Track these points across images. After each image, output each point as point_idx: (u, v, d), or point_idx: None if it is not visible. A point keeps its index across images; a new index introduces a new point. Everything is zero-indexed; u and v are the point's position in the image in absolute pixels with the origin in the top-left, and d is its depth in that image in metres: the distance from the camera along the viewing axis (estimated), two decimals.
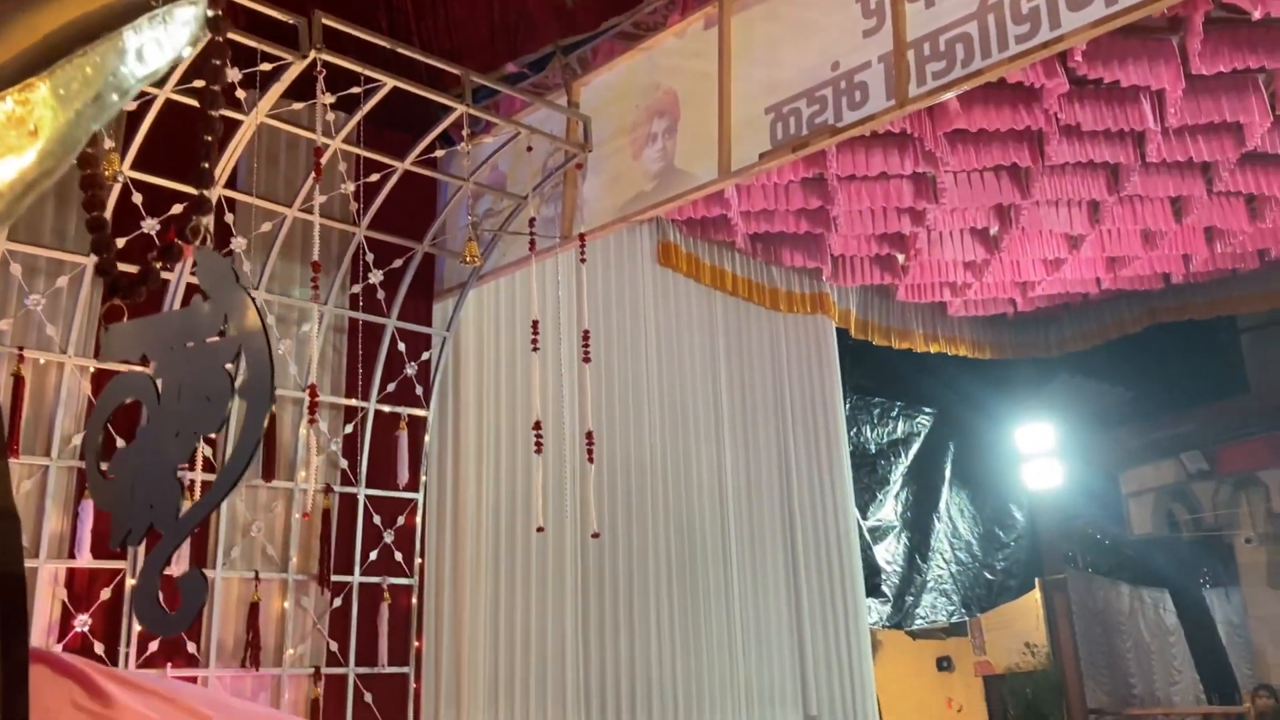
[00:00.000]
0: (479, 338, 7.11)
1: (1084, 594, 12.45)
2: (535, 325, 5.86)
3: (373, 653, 6.16)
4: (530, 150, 6.15)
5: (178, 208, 5.43)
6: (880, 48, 5.00)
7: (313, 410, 5.33)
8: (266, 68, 5.07)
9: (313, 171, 5.33)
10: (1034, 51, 4.53)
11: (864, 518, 10.37)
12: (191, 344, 1.16)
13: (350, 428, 6.39)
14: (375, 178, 6.13)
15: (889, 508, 11.03)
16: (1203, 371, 11.86)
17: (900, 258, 9.12)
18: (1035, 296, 10.15)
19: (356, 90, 5.38)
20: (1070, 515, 12.46)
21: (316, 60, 5.02)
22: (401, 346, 6.61)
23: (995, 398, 11.87)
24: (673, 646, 7.62)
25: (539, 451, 5.71)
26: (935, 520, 11.39)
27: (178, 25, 0.76)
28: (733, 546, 8.29)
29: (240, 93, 5.30)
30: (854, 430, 10.51)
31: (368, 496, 6.34)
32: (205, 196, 1.31)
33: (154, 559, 1.12)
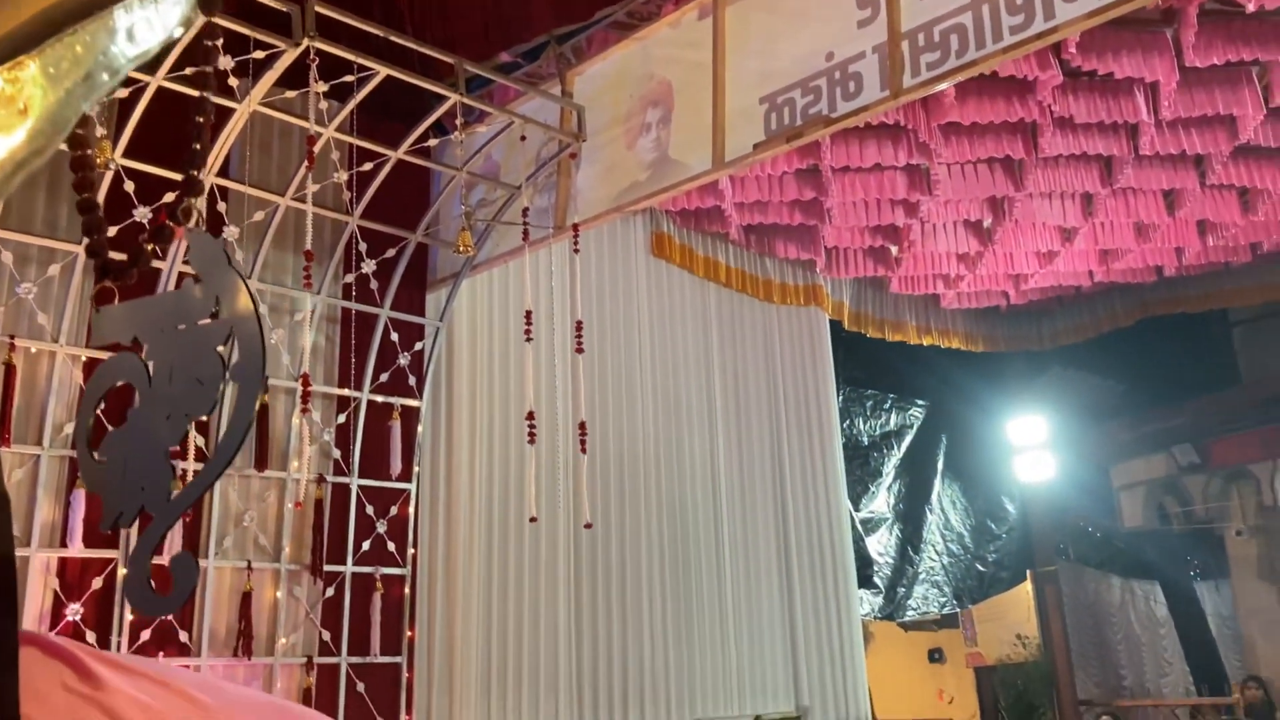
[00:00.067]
0: (472, 328, 7.10)
1: (1075, 586, 12.49)
2: (528, 315, 5.85)
3: (365, 642, 6.16)
4: (524, 140, 6.14)
5: (170, 196, 5.41)
6: (874, 38, 5.00)
7: (305, 400, 5.33)
8: (259, 55, 5.05)
9: (305, 160, 5.32)
10: (1028, 42, 4.54)
11: (856, 509, 10.39)
12: (183, 326, 1.16)
13: (343, 418, 6.38)
14: (368, 167, 6.11)
15: (881, 499, 11.06)
16: (1194, 365, 11.89)
17: (894, 250, 9.13)
18: (1028, 289, 10.16)
19: (350, 79, 5.36)
20: (1062, 508, 12.49)
21: (309, 48, 5.00)
22: (394, 336, 6.60)
23: (987, 390, 11.89)
24: (665, 636, 7.63)
25: (532, 442, 5.72)
26: (927, 512, 11.42)
27: (169, 4, 0.76)
28: (725, 537, 8.30)
29: (233, 81, 5.27)
30: (847, 422, 10.53)
31: (360, 486, 6.34)
32: (197, 177, 1.31)
33: (145, 541, 1.12)
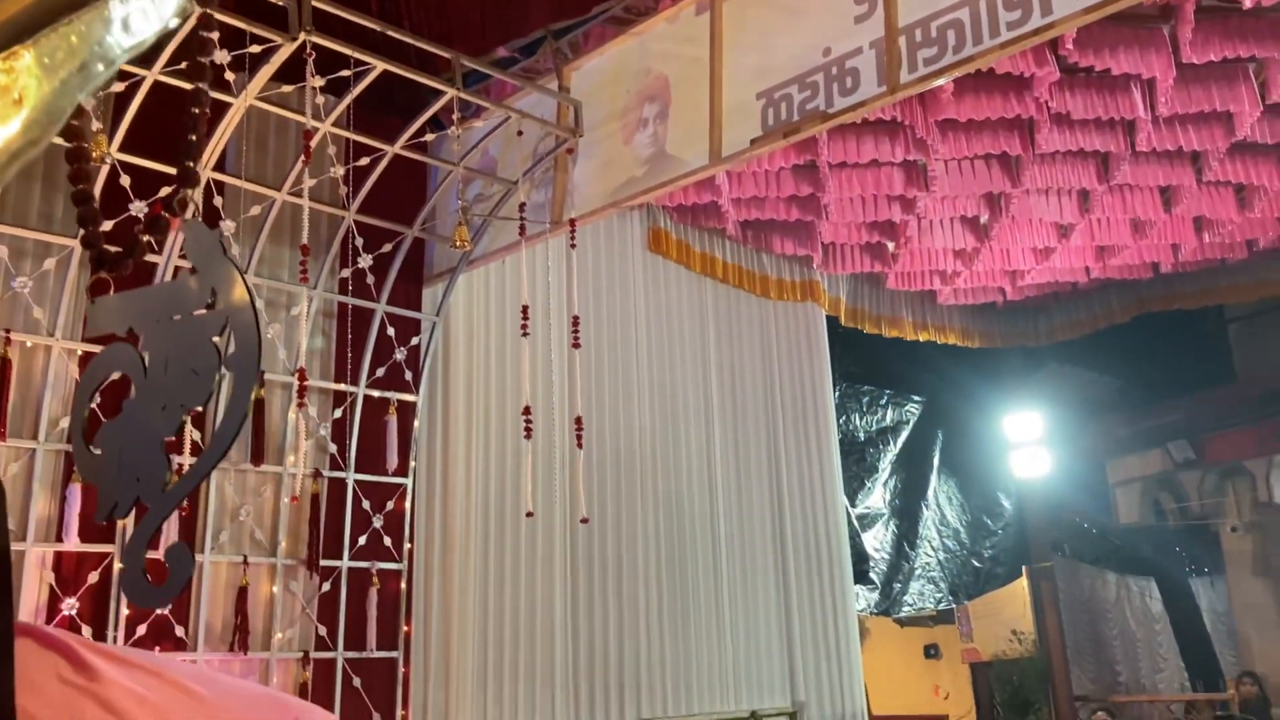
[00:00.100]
0: (469, 323, 7.10)
1: (1071, 582, 12.52)
2: (525, 311, 5.85)
3: (361, 637, 6.17)
4: (521, 135, 6.13)
5: (166, 190, 5.40)
6: (872, 34, 4.99)
7: (301, 394, 5.33)
8: (256, 50, 5.04)
9: (302, 155, 5.30)
10: (1026, 38, 4.53)
11: (852, 505, 10.40)
12: (178, 317, 1.16)
13: (339, 412, 6.38)
14: (365, 162, 6.10)
15: (877, 495, 11.07)
16: (1190, 361, 11.92)
17: (890, 246, 9.13)
18: (1024, 285, 10.17)
19: (346, 73, 5.34)
20: (1058, 504, 12.51)
21: (306, 43, 4.98)
22: (391, 331, 6.60)
23: (984, 386, 11.91)
24: (661, 631, 7.64)
25: (528, 437, 5.71)
26: (923, 508, 11.44)
27: None
28: (721, 533, 8.31)
29: (229, 75, 5.27)
30: (843, 418, 10.54)
31: (357, 481, 6.34)
32: (192, 168, 1.30)
33: (141, 531, 1.12)
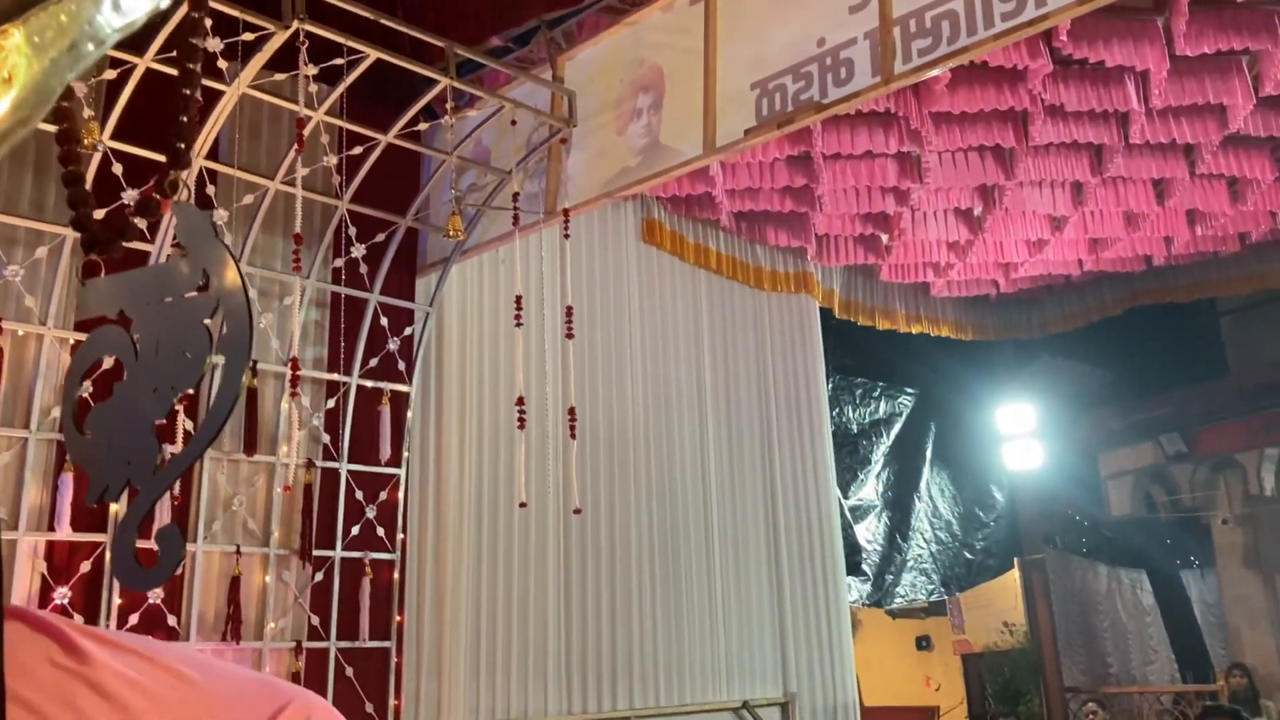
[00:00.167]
0: (462, 313, 7.09)
1: (1062, 574, 12.56)
2: (519, 301, 5.84)
3: (354, 627, 6.16)
4: (514, 125, 6.11)
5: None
6: (866, 24, 4.99)
7: (294, 384, 5.31)
8: (249, 38, 5.02)
9: (295, 144, 5.29)
10: (1020, 29, 4.53)
11: (845, 497, 10.42)
12: (170, 299, 1.15)
13: (332, 402, 6.37)
14: (358, 151, 6.08)
15: (870, 487, 11.09)
16: (1183, 354, 11.95)
17: (884, 238, 9.13)
18: (1018, 278, 10.19)
19: (339, 62, 5.32)
20: (1049, 496, 12.55)
21: (299, 31, 4.96)
22: (384, 321, 6.59)
23: (977, 378, 11.93)
24: (654, 622, 7.65)
25: (521, 427, 5.71)
26: (916, 500, 11.46)
27: None
28: (714, 523, 8.32)
29: (222, 63, 5.24)
30: (836, 410, 10.55)
31: (350, 471, 6.33)
32: (183, 150, 1.30)
33: (132, 513, 1.12)
